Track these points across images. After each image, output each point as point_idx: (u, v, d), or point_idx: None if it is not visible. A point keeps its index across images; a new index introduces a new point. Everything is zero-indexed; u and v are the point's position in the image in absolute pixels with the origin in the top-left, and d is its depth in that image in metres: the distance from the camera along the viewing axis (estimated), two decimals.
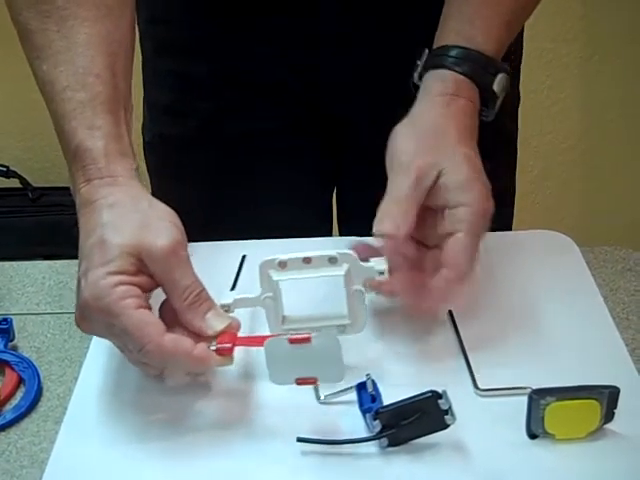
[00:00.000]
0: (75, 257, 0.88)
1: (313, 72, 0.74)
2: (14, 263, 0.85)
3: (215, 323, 0.62)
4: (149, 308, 0.61)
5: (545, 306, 0.72)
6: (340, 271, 0.63)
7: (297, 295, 0.66)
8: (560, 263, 0.78)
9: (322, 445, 0.59)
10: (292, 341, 0.59)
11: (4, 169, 1.74)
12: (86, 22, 0.68)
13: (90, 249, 0.62)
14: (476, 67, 0.69)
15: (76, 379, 0.68)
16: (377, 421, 0.58)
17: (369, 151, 0.76)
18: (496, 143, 0.93)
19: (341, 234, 0.99)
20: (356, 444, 0.59)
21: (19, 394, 0.69)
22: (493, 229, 0.83)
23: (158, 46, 0.88)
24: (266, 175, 0.89)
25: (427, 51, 0.72)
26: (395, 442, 0.59)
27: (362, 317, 0.65)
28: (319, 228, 0.90)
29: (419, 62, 0.72)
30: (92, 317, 0.61)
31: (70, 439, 0.62)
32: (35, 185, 1.77)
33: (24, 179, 1.76)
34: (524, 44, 0.94)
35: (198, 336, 0.62)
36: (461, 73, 0.69)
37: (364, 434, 0.60)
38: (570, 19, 1.75)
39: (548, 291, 0.74)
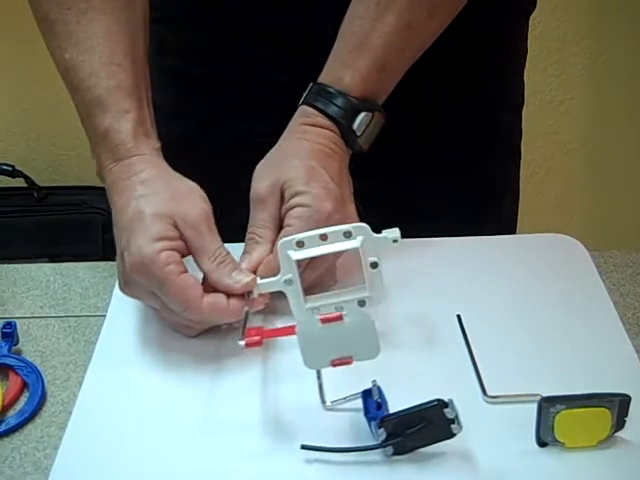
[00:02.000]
0: (79, 258, 0.88)
1: (315, 73, 0.75)
2: (18, 265, 0.85)
3: (240, 277, 0.66)
4: (187, 271, 0.66)
5: (554, 311, 0.72)
6: (355, 244, 0.64)
7: None
8: (569, 267, 0.77)
9: (326, 453, 0.59)
10: (324, 321, 0.59)
11: (9, 169, 1.73)
12: (104, 13, 0.72)
13: (129, 222, 0.67)
14: (334, 106, 0.73)
15: (80, 384, 0.67)
16: (382, 429, 0.58)
17: (367, 152, 0.76)
18: (495, 142, 0.93)
19: None
20: (361, 452, 0.59)
21: (23, 399, 0.68)
22: (496, 229, 0.83)
23: (159, 46, 0.88)
24: None
25: (311, 85, 0.75)
26: (400, 450, 0.59)
27: (380, 288, 0.66)
28: None
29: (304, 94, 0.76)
30: (137, 283, 0.66)
31: (74, 445, 0.62)
32: (40, 185, 1.77)
33: (29, 179, 1.75)
34: (531, 43, 0.94)
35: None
36: (318, 109, 0.73)
37: (369, 442, 0.59)
38: (577, 19, 1.74)
39: (557, 296, 0.73)
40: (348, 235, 0.64)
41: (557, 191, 1.90)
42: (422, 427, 0.57)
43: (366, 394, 0.61)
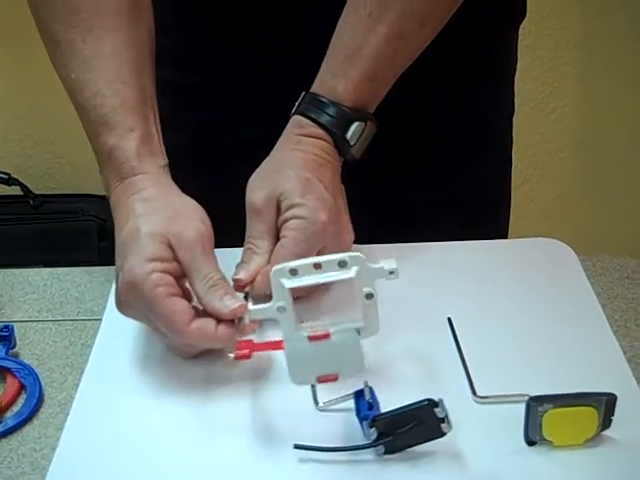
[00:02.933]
0: (75, 264, 0.89)
1: (312, 82, 0.76)
2: (16, 270, 0.86)
3: (230, 302, 0.64)
4: (180, 294, 0.65)
5: (543, 313, 0.73)
6: (350, 274, 0.62)
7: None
8: (558, 271, 0.78)
9: (319, 452, 0.60)
10: (312, 339, 0.60)
11: (5, 176, 1.74)
12: (110, 31, 0.72)
13: (125, 240, 0.67)
14: (327, 115, 0.74)
15: (77, 386, 0.68)
16: (373, 429, 0.59)
17: (361, 159, 0.76)
18: (488, 150, 0.94)
19: None
20: (353, 451, 0.60)
21: (20, 401, 0.69)
22: (488, 236, 0.84)
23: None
24: None
25: (303, 94, 0.76)
26: (391, 450, 0.60)
27: (375, 319, 0.64)
28: None
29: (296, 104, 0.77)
30: (131, 303, 0.66)
31: (71, 445, 0.62)
32: (36, 192, 1.77)
33: (25, 187, 1.76)
34: (523, 52, 0.95)
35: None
36: (312, 119, 0.74)
37: (361, 441, 0.60)
38: (569, 28, 1.75)
39: (546, 298, 0.74)
40: (343, 265, 0.62)
41: (549, 199, 1.91)
42: (413, 426, 0.58)
43: (358, 395, 0.62)
